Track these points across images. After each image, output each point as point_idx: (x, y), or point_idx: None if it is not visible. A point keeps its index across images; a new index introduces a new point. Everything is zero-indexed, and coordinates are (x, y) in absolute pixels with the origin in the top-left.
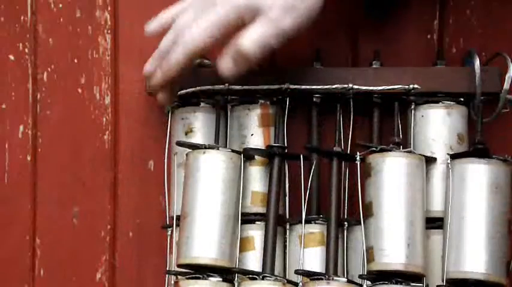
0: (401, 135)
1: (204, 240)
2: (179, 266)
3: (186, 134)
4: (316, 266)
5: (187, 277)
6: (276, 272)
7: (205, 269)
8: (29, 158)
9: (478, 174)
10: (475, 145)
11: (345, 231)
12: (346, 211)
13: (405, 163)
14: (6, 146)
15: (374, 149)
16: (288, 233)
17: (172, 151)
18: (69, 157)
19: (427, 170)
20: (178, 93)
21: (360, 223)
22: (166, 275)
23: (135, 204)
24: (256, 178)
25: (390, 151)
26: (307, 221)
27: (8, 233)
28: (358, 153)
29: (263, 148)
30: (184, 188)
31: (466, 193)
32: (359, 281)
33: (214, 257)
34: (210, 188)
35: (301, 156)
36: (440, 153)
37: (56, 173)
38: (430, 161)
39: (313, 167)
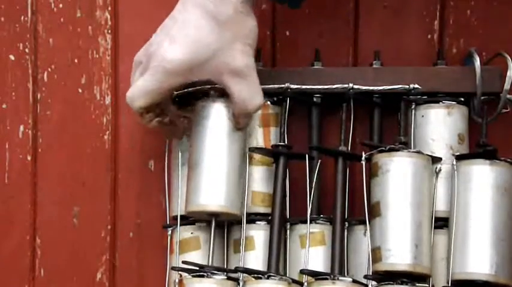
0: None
1: (212, 188)
2: (188, 213)
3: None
4: (316, 266)
5: (192, 275)
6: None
7: (213, 216)
8: (29, 158)
9: (485, 176)
10: (483, 146)
11: (346, 231)
12: (347, 210)
13: (413, 163)
14: (7, 146)
15: (383, 149)
16: (288, 233)
17: (174, 150)
18: (69, 157)
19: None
20: (178, 93)
21: (363, 223)
22: (167, 275)
23: (135, 204)
24: (257, 178)
25: (398, 150)
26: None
27: (8, 233)
28: (363, 152)
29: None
30: (193, 136)
31: (472, 195)
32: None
33: (222, 204)
34: (218, 137)
35: (307, 156)
36: (441, 153)
37: (56, 173)
38: (434, 161)
39: (317, 167)
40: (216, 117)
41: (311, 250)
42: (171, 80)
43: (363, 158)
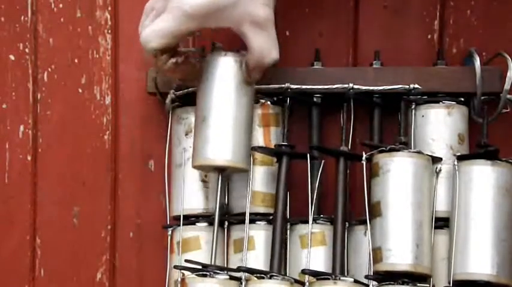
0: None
1: (219, 142)
2: (195, 167)
3: (186, 134)
4: (317, 266)
5: (196, 274)
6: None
7: (220, 170)
8: (29, 158)
9: (486, 176)
10: (484, 146)
11: (346, 231)
12: (347, 211)
13: (414, 163)
14: (7, 146)
15: (383, 149)
16: (288, 233)
17: (176, 149)
18: (69, 157)
19: None
20: (178, 93)
21: (364, 223)
22: (167, 275)
23: (135, 204)
24: (257, 178)
25: (399, 150)
26: (308, 221)
27: (8, 233)
28: (364, 153)
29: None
30: (201, 89)
31: (473, 195)
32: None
33: (229, 159)
34: (226, 90)
35: (309, 155)
36: (441, 153)
37: (56, 173)
38: (434, 161)
39: (320, 168)
40: (226, 70)
41: (312, 250)
42: (190, 24)
43: (364, 158)
